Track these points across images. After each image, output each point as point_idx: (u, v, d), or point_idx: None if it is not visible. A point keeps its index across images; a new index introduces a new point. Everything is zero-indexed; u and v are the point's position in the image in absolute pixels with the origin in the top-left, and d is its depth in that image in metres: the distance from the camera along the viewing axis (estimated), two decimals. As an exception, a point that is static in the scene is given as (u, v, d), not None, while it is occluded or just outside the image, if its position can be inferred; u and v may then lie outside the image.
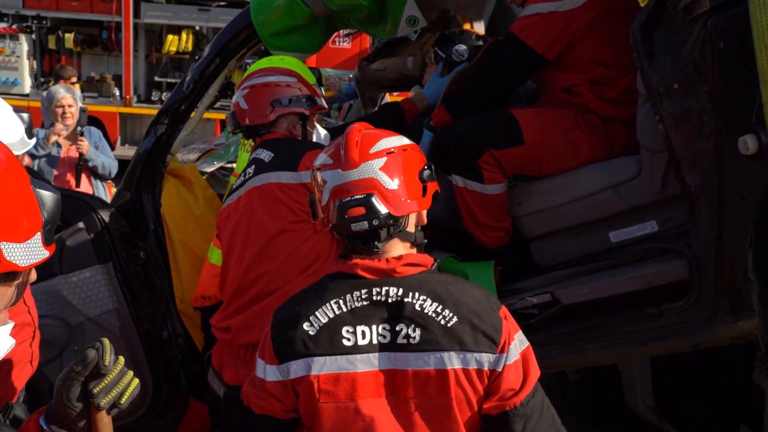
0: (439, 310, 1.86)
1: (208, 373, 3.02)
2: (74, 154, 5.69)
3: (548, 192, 2.99)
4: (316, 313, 1.90)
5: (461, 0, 3.94)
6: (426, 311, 1.86)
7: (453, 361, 1.84)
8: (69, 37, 10.97)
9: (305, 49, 3.51)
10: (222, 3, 10.98)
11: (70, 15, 10.95)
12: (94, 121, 8.61)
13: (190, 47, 11.09)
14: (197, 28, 11.24)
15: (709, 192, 2.50)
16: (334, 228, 1.93)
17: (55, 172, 5.59)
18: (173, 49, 11.08)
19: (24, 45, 10.97)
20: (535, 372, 1.93)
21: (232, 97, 3.24)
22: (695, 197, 2.55)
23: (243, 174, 2.97)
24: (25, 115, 2.46)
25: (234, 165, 3.90)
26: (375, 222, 1.88)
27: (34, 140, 2.54)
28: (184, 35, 11.03)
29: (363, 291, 1.89)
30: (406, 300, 1.87)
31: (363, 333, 1.87)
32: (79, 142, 5.63)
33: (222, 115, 9.85)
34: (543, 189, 3.01)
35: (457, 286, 1.93)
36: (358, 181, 1.90)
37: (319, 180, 1.97)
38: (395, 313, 1.87)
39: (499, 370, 1.86)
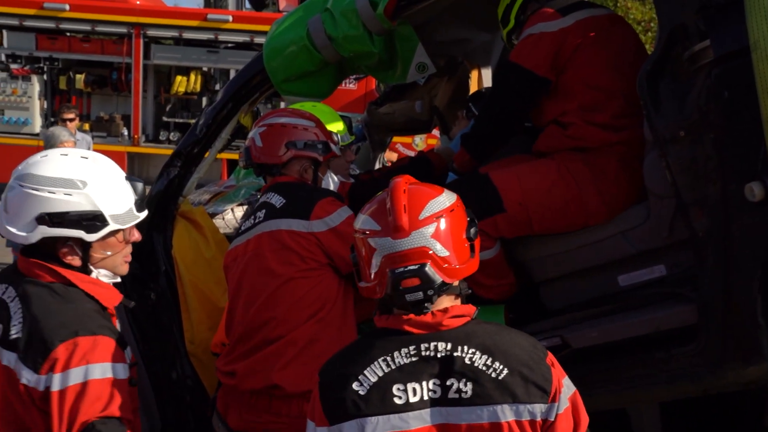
0: (489, 362, 1.85)
1: (212, 417, 3.01)
2: None
3: (558, 237, 3.01)
4: (365, 372, 1.88)
5: (469, 46, 4.01)
6: (476, 365, 1.85)
7: (506, 413, 1.83)
8: (80, 77, 11.15)
9: (317, 94, 3.57)
10: (230, 45, 11.16)
11: (81, 56, 11.14)
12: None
13: (198, 88, 11.24)
14: (205, 69, 11.41)
15: (717, 237, 2.53)
16: (387, 297, 1.90)
17: None
18: (182, 89, 11.23)
19: (36, 85, 11.15)
20: (585, 418, 1.92)
21: (245, 138, 3.28)
22: (702, 242, 2.58)
23: (253, 217, 3.00)
24: (140, 185, 2.34)
25: (244, 208, 3.94)
26: (430, 292, 1.87)
27: (145, 213, 2.30)
28: (192, 76, 11.18)
29: (411, 347, 1.88)
30: (455, 354, 1.86)
31: (414, 390, 1.86)
32: None
33: (230, 155, 9.94)
34: (552, 234, 3.03)
35: (504, 337, 1.92)
36: (410, 250, 1.88)
37: (368, 246, 1.94)
38: (445, 368, 1.86)
39: (552, 419, 1.85)
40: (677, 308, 2.70)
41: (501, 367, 1.85)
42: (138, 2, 11.40)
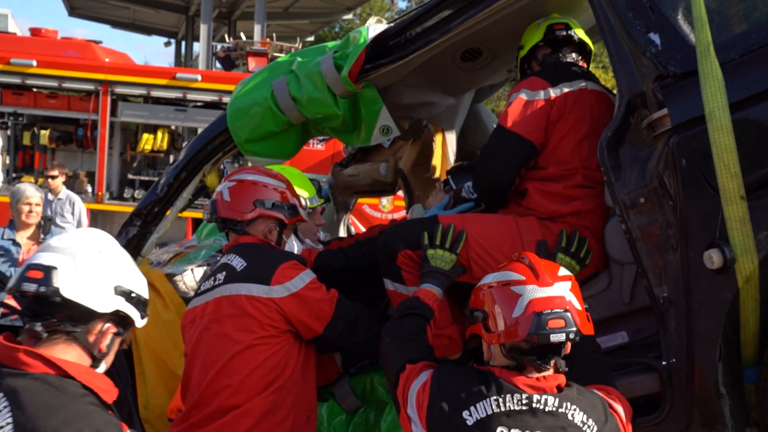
0: (585, 419, 2.08)
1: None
2: None
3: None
4: (477, 404, 2.06)
5: (434, 110, 4.04)
6: (576, 420, 2.06)
7: None
8: (44, 133, 11.01)
9: (280, 155, 3.55)
10: (199, 104, 11.19)
11: (47, 112, 11.05)
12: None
13: (164, 146, 11.19)
14: (173, 127, 11.39)
15: (678, 304, 2.52)
16: (528, 338, 2.06)
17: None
18: (148, 147, 11.16)
19: (-2, 140, 11.02)
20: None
21: (208, 197, 3.24)
22: (664, 309, 2.57)
23: (213, 278, 2.94)
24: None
25: (204, 269, 3.87)
26: (571, 335, 2.08)
27: None
28: (159, 134, 11.13)
29: (524, 396, 2.06)
30: (560, 411, 2.06)
31: None
32: None
33: (195, 214, 9.86)
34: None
35: (585, 395, 2.15)
36: (555, 297, 2.12)
37: (509, 293, 2.14)
38: (552, 423, 2.04)
39: None
40: (640, 376, 2.68)
41: (593, 424, 2.09)
42: (106, 59, 11.41)
